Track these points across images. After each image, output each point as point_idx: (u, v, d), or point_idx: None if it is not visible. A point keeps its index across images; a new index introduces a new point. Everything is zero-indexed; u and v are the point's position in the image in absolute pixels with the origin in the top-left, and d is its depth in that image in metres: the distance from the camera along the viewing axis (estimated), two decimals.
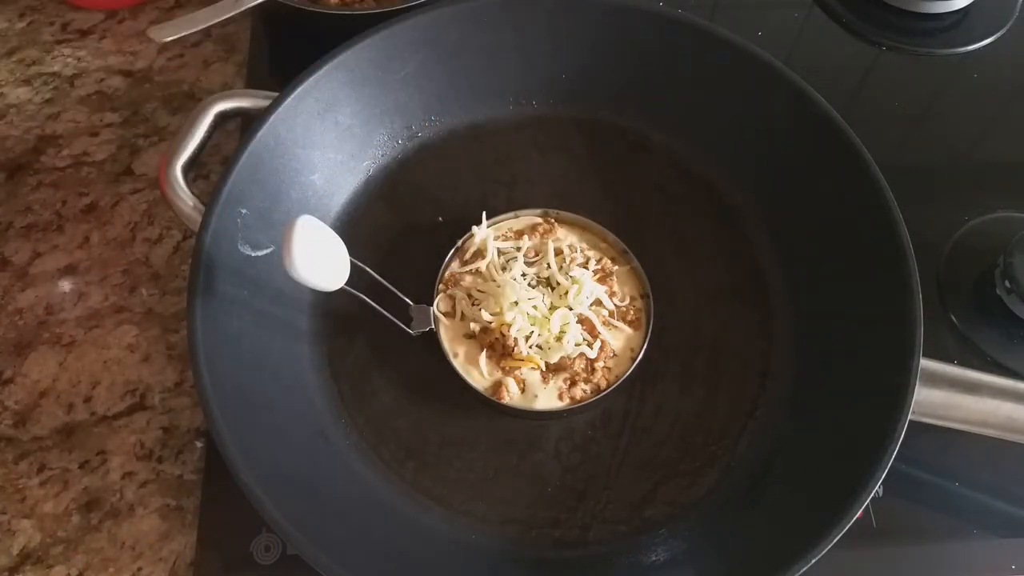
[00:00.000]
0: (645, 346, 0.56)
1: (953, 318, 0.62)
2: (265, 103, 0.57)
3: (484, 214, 0.60)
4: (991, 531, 0.54)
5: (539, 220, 0.61)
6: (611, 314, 0.57)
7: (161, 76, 0.72)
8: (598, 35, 0.63)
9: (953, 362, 0.51)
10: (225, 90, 0.61)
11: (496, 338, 0.55)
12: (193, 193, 0.54)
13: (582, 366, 0.55)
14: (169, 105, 0.70)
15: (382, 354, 0.57)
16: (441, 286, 0.58)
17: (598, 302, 0.57)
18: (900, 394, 0.48)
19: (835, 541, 0.45)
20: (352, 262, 0.51)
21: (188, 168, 0.55)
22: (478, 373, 0.55)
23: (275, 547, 0.50)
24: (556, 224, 0.61)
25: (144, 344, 0.59)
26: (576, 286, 0.56)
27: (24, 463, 0.55)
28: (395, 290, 0.55)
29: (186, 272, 0.59)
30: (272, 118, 0.56)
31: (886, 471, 0.46)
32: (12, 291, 0.61)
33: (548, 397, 0.54)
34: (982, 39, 0.78)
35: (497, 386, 0.54)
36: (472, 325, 0.56)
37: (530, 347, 0.55)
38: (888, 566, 0.53)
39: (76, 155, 0.67)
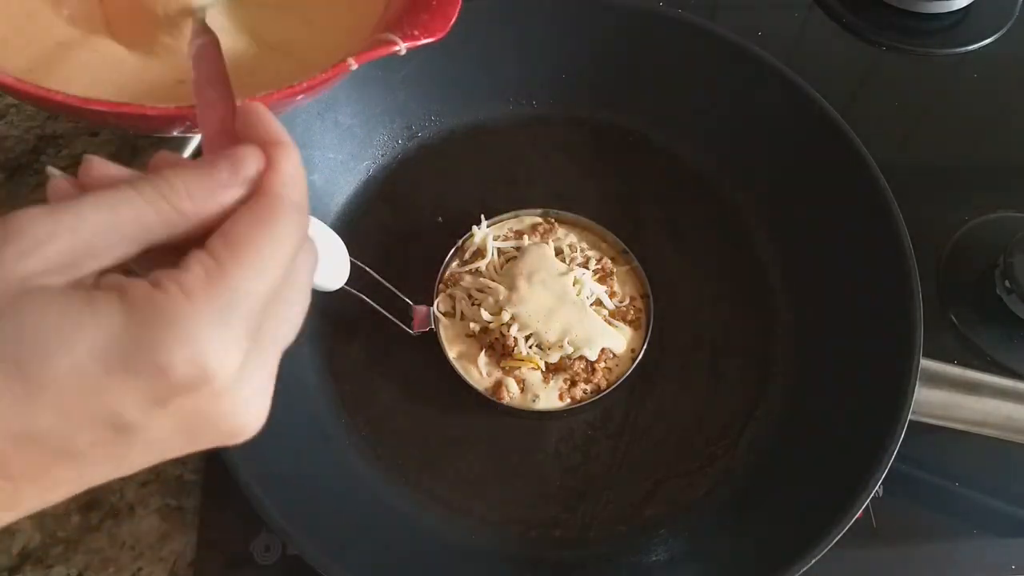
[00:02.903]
0: (645, 346, 0.56)
1: (953, 318, 0.62)
2: None
3: (484, 214, 0.60)
4: (991, 531, 0.54)
5: (539, 220, 0.61)
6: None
7: None
8: (598, 35, 0.63)
9: (953, 362, 0.51)
10: None
11: (496, 338, 0.55)
12: None
13: (582, 366, 0.55)
14: None
15: (382, 354, 0.57)
16: (441, 286, 0.58)
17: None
18: (900, 394, 0.48)
19: (835, 541, 0.45)
20: (352, 262, 0.51)
21: None
22: (478, 373, 0.55)
23: (275, 547, 0.50)
24: (556, 224, 0.61)
25: None
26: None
27: None
28: (395, 290, 0.55)
29: None
30: None
31: (886, 471, 0.46)
32: None
33: (548, 397, 0.54)
34: (982, 39, 0.78)
35: (497, 386, 0.54)
36: (472, 325, 0.56)
37: (530, 347, 0.55)
38: (888, 566, 0.53)
39: (76, 155, 0.67)
